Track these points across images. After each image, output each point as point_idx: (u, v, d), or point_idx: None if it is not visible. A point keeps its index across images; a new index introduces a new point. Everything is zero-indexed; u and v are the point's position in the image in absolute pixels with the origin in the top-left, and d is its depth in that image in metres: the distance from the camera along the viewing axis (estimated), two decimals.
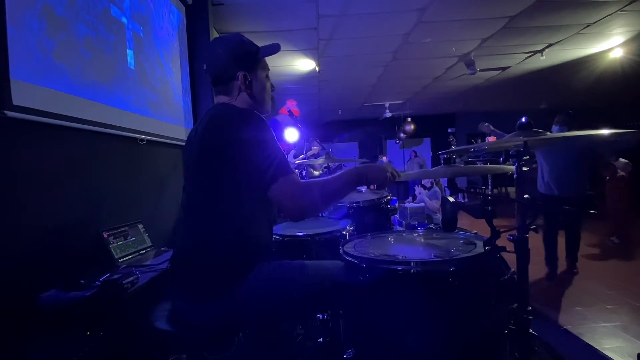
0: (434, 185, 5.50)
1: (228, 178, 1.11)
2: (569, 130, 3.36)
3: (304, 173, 3.42)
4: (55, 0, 1.62)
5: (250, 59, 1.24)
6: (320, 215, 2.41)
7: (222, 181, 1.12)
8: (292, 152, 2.89)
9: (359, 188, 2.64)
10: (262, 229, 1.22)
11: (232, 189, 1.12)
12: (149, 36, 2.50)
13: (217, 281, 1.12)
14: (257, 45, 1.25)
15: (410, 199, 6.46)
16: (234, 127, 1.11)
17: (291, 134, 3.42)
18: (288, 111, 3.81)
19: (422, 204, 5.00)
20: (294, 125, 3.70)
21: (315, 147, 5.29)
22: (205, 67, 1.28)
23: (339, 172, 1.25)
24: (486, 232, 1.12)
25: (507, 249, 1.06)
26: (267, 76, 1.29)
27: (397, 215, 4.77)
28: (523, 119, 3.22)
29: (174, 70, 2.89)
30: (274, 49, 1.26)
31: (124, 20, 2.19)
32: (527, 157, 1.10)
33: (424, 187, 5.58)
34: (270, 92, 1.33)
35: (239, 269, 1.13)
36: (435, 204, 5.24)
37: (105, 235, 1.79)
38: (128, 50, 2.22)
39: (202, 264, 1.13)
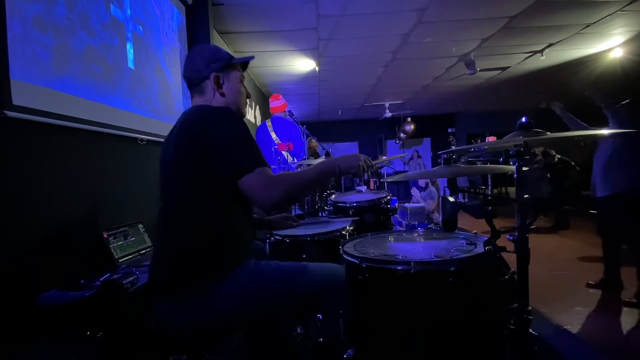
0: (430, 185, 5.50)
1: (205, 173, 1.11)
2: None
3: None
4: (54, 3, 1.62)
5: (224, 63, 1.29)
6: (319, 215, 2.41)
7: (199, 176, 1.12)
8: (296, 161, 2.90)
9: (358, 188, 2.65)
10: (242, 224, 1.22)
11: (210, 184, 1.12)
12: (149, 36, 2.50)
13: (203, 280, 1.11)
14: (231, 55, 1.33)
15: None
16: (207, 122, 1.13)
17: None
18: (288, 110, 3.82)
19: (422, 204, 5.00)
20: (295, 123, 3.71)
21: (313, 142, 5.28)
22: (182, 73, 1.32)
23: (312, 165, 1.25)
24: (486, 232, 1.12)
25: (507, 249, 1.07)
26: (241, 81, 1.34)
27: (397, 215, 4.77)
28: (523, 119, 3.20)
29: (174, 72, 2.89)
30: (247, 58, 1.37)
31: (125, 20, 2.19)
32: (527, 157, 1.10)
33: (420, 187, 5.59)
34: (246, 97, 1.36)
35: (223, 266, 1.13)
36: (431, 204, 5.24)
37: (105, 235, 1.79)
38: (128, 51, 2.22)
39: (185, 264, 1.12)
